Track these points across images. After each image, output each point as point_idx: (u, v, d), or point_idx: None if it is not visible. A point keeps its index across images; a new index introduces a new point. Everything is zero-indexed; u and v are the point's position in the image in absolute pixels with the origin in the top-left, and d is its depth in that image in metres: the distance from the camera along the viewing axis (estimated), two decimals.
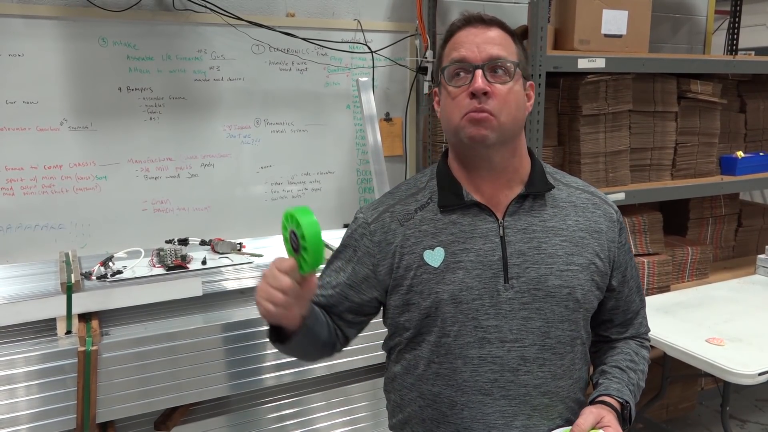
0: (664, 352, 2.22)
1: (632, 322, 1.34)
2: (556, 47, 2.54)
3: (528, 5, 2.33)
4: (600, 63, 2.40)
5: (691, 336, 2.20)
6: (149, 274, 2.10)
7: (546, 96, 2.35)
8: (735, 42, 3.53)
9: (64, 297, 1.85)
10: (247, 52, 2.61)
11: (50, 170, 2.38)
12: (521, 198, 1.20)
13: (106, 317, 1.98)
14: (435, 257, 1.18)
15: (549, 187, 1.22)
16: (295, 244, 1.00)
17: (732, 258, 3.27)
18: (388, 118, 2.94)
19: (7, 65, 2.26)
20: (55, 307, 1.85)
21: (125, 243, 2.41)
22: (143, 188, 2.53)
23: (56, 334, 1.85)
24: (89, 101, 2.39)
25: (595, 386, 1.28)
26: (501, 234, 1.18)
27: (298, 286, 1.01)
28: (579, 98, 2.46)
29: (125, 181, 2.50)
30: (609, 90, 2.52)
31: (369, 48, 2.81)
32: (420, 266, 1.18)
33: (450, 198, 1.21)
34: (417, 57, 2.89)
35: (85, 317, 1.91)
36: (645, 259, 2.73)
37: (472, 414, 1.18)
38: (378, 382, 2.24)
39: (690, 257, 2.90)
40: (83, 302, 1.88)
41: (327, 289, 1.26)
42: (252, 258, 2.32)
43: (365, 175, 2.93)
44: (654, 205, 2.90)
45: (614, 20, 2.54)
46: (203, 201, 2.64)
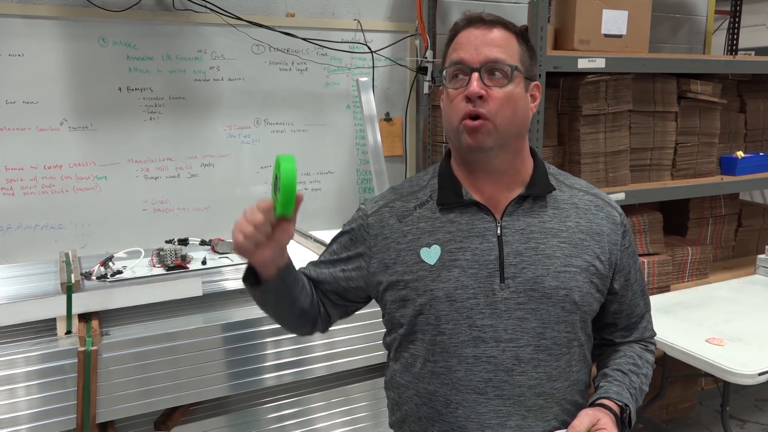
0: (664, 352, 2.22)
1: (637, 326, 1.33)
2: (556, 47, 2.54)
3: (528, 5, 2.33)
4: (600, 63, 2.40)
5: (691, 336, 2.20)
6: (149, 274, 2.10)
7: (546, 96, 2.35)
8: (735, 42, 3.53)
9: (64, 297, 1.85)
10: (247, 52, 2.61)
11: (50, 170, 2.38)
12: (521, 199, 1.20)
13: (106, 317, 1.98)
14: (431, 255, 1.19)
15: (549, 189, 1.22)
16: (276, 187, 1.06)
17: (732, 258, 3.27)
18: (388, 118, 2.94)
19: (7, 65, 2.26)
20: (55, 307, 1.85)
21: (125, 243, 2.41)
22: (143, 188, 2.53)
23: (56, 334, 1.85)
24: (89, 101, 2.39)
25: (596, 389, 1.27)
26: (498, 234, 1.18)
27: (270, 227, 1.05)
28: (579, 98, 2.46)
29: (125, 181, 2.50)
30: (609, 90, 2.52)
31: (369, 48, 2.81)
32: (416, 263, 1.19)
33: (449, 197, 1.21)
34: (417, 57, 2.89)
35: (85, 317, 1.91)
36: (645, 259, 2.73)
37: (466, 413, 1.18)
38: (378, 382, 2.24)
39: (690, 257, 2.90)
40: (83, 302, 1.88)
41: (320, 267, 1.29)
42: None
43: (365, 175, 2.93)
44: (654, 205, 2.90)
45: (614, 20, 2.54)
46: (203, 201, 2.64)
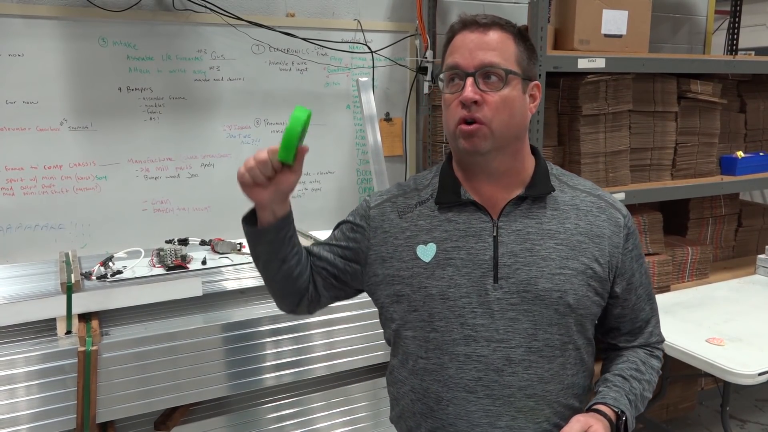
0: (664, 352, 2.21)
1: (642, 331, 1.32)
2: (556, 47, 2.54)
3: (528, 5, 2.33)
4: (600, 63, 2.39)
5: (691, 336, 2.20)
6: (149, 274, 2.10)
7: (546, 96, 2.35)
8: (735, 42, 3.53)
9: (64, 297, 1.85)
10: (247, 52, 2.61)
11: (50, 170, 2.38)
12: (519, 200, 1.20)
13: (106, 317, 1.99)
14: (427, 252, 1.20)
15: (548, 190, 1.21)
16: None
17: (732, 258, 3.27)
18: (388, 118, 2.94)
19: (7, 65, 2.26)
20: (55, 307, 1.85)
21: (125, 243, 2.41)
22: (143, 188, 2.53)
23: (56, 334, 1.85)
24: (89, 101, 2.39)
25: (596, 394, 1.26)
26: (494, 234, 1.18)
27: (271, 169, 1.09)
28: (579, 98, 2.46)
29: (125, 181, 2.49)
30: (609, 90, 2.51)
31: (369, 48, 2.81)
32: (412, 259, 1.21)
33: (448, 196, 1.22)
34: (417, 57, 2.89)
35: (85, 317, 1.91)
36: (645, 259, 2.73)
37: (457, 410, 1.19)
38: (378, 382, 2.25)
39: (690, 257, 2.90)
40: (83, 302, 1.88)
41: (323, 247, 1.32)
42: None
43: (365, 175, 2.93)
44: (654, 205, 2.90)
45: (614, 20, 2.54)
46: (203, 201, 2.64)
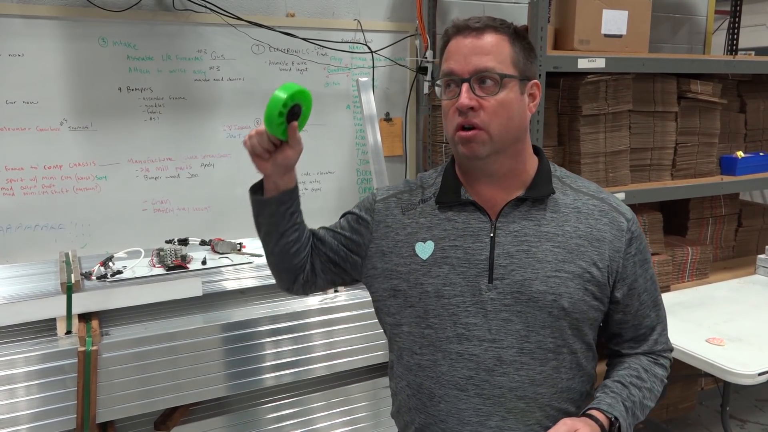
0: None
1: (646, 338, 1.28)
2: (556, 47, 2.54)
3: (528, 5, 2.33)
4: (600, 63, 2.39)
5: (691, 336, 2.20)
6: (149, 274, 2.10)
7: (546, 96, 2.35)
8: (735, 42, 3.53)
9: (64, 297, 1.86)
10: (247, 52, 2.61)
11: (50, 170, 2.38)
12: (519, 201, 1.20)
13: (106, 317, 1.99)
14: (425, 250, 1.21)
15: (548, 192, 1.20)
16: None
17: (732, 258, 3.27)
18: (388, 118, 2.94)
19: (7, 65, 2.26)
20: (55, 307, 1.85)
21: (125, 243, 2.41)
22: (143, 188, 2.53)
23: (56, 334, 1.85)
24: (89, 101, 2.39)
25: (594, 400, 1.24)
26: (491, 234, 1.18)
27: (267, 141, 1.19)
28: (579, 98, 2.46)
29: (125, 181, 2.49)
30: (609, 90, 2.51)
31: (369, 48, 2.81)
32: (410, 256, 1.22)
33: (448, 195, 1.23)
34: (417, 57, 2.89)
35: (85, 317, 1.91)
36: None
37: (448, 408, 1.20)
38: (378, 382, 2.25)
39: (690, 257, 2.90)
40: (83, 302, 1.88)
41: (328, 230, 1.35)
42: (252, 258, 2.32)
43: (365, 175, 2.93)
44: (654, 205, 2.90)
45: (614, 20, 2.54)
46: (203, 201, 2.64)
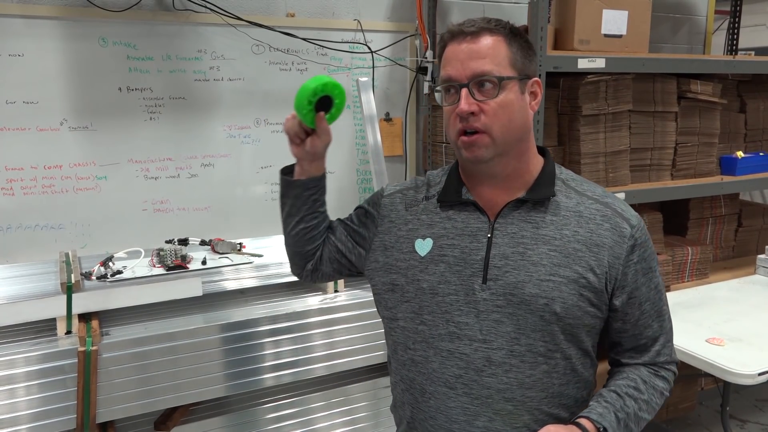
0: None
1: (648, 349, 1.25)
2: (556, 47, 2.54)
3: (528, 5, 2.33)
4: (600, 63, 2.39)
5: (691, 336, 2.20)
6: (149, 274, 2.10)
7: (546, 96, 2.35)
8: (735, 42, 3.53)
9: (64, 297, 1.86)
10: (247, 52, 2.61)
11: (50, 170, 2.38)
12: (519, 202, 1.19)
13: (106, 317, 1.99)
14: (424, 247, 1.23)
15: (548, 194, 1.19)
16: None
17: (732, 258, 3.27)
18: (388, 118, 2.94)
19: (7, 65, 2.26)
20: (55, 307, 1.85)
21: (125, 243, 2.41)
22: (143, 188, 2.53)
23: (56, 334, 1.86)
24: (89, 101, 2.39)
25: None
26: (489, 235, 1.18)
27: (298, 126, 1.24)
28: (579, 98, 2.46)
29: (125, 181, 2.49)
30: (609, 90, 2.51)
31: (369, 48, 2.81)
32: (409, 252, 1.24)
33: (450, 194, 1.24)
34: (417, 57, 2.89)
35: (85, 317, 1.91)
36: None
37: (437, 404, 1.21)
38: (378, 382, 2.24)
39: (690, 257, 2.90)
40: (83, 302, 1.88)
41: (340, 221, 1.41)
42: (252, 258, 2.32)
43: (365, 175, 2.93)
44: (654, 205, 2.90)
45: (614, 20, 2.54)
46: (203, 201, 2.64)
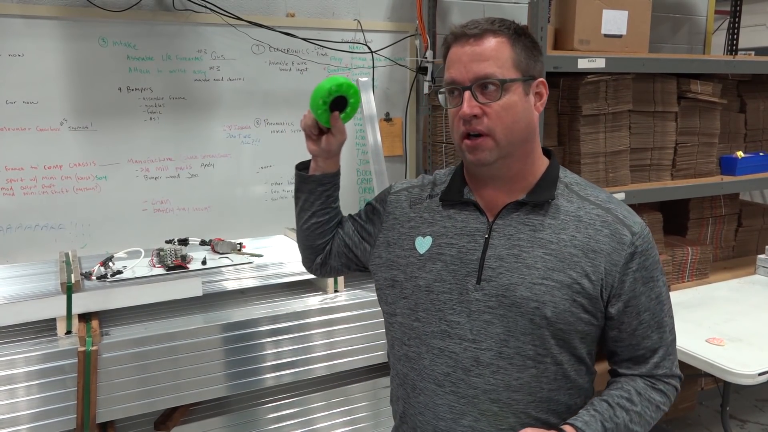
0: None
1: (646, 361, 1.21)
2: (556, 47, 2.54)
3: (528, 5, 2.33)
4: (600, 63, 2.39)
5: (691, 336, 2.20)
6: (149, 274, 2.10)
7: None
8: (735, 42, 3.53)
9: (64, 297, 1.86)
10: (247, 52, 2.61)
11: (50, 170, 2.38)
12: (519, 204, 1.19)
13: (106, 317, 1.99)
14: (423, 244, 1.24)
15: (548, 197, 1.18)
16: None
17: (732, 258, 3.27)
18: (388, 118, 2.94)
19: (7, 65, 2.26)
20: (55, 307, 1.85)
21: (125, 243, 2.41)
22: (143, 188, 2.53)
23: (56, 334, 1.85)
24: (89, 101, 2.39)
25: None
26: (487, 236, 1.19)
27: (312, 122, 1.35)
28: (579, 98, 2.46)
29: (125, 181, 2.49)
30: (609, 90, 2.51)
31: (369, 48, 2.81)
32: (410, 249, 1.25)
33: (452, 193, 1.25)
34: (417, 57, 2.89)
35: (85, 317, 1.91)
36: None
37: (426, 401, 1.22)
38: (378, 382, 2.24)
39: (690, 257, 2.90)
40: (83, 302, 1.88)
41: (350, 217, 1.44)
42: (252, 258, 2.32)
43: (365, 175, 2.93)
44: (654, 205, 2.90)
45: (614, 20, 2.54)
46: (203, 201, 2.64)
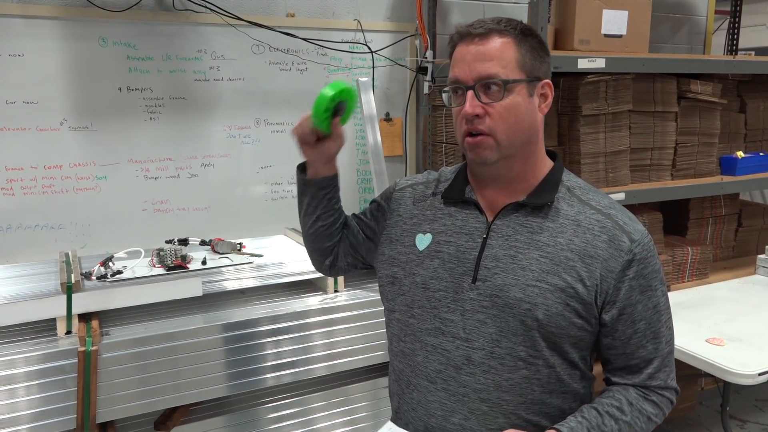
0: None
1: (640, 370, 1.18)
2: (556, 47, 2.54)
3: (528, 5, 2.33)
4: (600, 63, 2.39)
5: (691, 336, 2.20)
6: (149, 274, 2.10)
7: None
8: (735, 42, 3.53)
9: (64, 297, 1.85)
10: (247, 52, 2.61)
11: (50, 170, 2.38)
12: (518, 206, 1.19)
13: (106, 317, 1.99)
14: (423, 241, 1.25)
15: (547, 200, 1.18)
16: None
17: (732, 258, 3.27)
18: (388, 118, 2.94)
19: (7, 65, 2.26)
20: (55, 307, 1.85)
21: (125, 243, 2.41)
22: (143, 188, 2.53)
23: (56, 334, 1.85)
24: (89, 101, 2.39)
25: None
26: (485, 236, 1.19)
27: (310, 129, 1.25)
28: (579, 98, 2.46)
29: (125, 181, 2.49)
30: (609, 90, 2.51)
31: (369, 48, 2.81)
32: (410, 245, 1.27)
33: (453, 192, 1.26)
34: (417, 57, 2.88)
35: (85, 317, 1.91)
36: None
37: (418, 397, 1.23)
38: (378, 382, 2.24)
39: (690, 257, 2.90)
40: (83, 302, 1.88)
41: (355, 216, 1.44)
42: (252, 258, 2.31)
43: (365, 175, 2.93)
44: (654, 205, 2.90)
45: (614, 20, 2.54)
46: (203, 201, 2.64)
